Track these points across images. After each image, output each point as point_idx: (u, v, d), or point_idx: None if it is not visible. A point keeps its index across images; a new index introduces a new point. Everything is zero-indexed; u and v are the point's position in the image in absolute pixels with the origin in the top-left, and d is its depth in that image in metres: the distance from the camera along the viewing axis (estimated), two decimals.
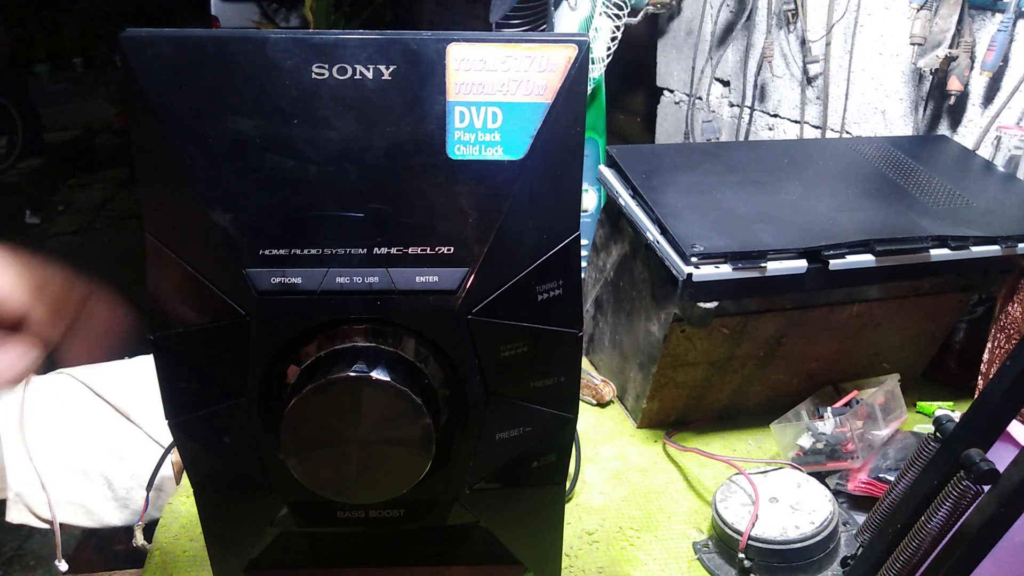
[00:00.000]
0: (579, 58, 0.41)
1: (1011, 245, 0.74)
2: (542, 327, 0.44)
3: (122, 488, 1.05)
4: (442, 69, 0.40)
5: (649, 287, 0.78)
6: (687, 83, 1.81)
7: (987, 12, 1.06)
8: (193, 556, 0.66)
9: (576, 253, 0.44)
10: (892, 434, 0.74)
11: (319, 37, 0.40)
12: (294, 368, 0.43)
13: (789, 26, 1.45)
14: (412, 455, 0.42)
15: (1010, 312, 0.78)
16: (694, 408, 0.84)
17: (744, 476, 0.68)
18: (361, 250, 0.42)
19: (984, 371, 0.81)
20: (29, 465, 1.01)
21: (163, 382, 0.45)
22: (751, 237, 0.70)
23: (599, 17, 1.44)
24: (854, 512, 0.70)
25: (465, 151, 0.41)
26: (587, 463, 0.79)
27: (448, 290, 0.42)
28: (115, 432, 1.06)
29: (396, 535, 0.56)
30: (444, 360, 0.44)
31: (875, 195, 0.80)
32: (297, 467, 0.42)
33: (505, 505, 0.51)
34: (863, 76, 1.31)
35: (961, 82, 1.07)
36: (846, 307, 0.79)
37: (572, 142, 0.42)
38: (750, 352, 0.80)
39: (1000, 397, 0.46)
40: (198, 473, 0.49)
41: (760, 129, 1.61)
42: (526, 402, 0.46)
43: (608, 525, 0.71)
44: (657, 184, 0.76)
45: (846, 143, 0.93)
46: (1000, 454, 0.46)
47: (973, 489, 0.45)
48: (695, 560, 0.67)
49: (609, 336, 0.89)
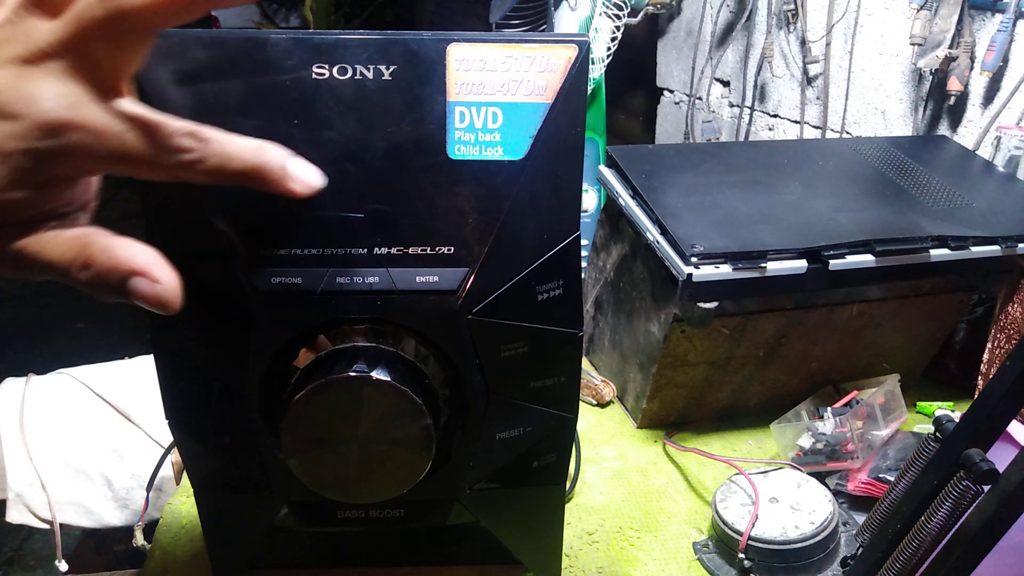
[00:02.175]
0: (579, 58, 0.41)
1: (1011, 245, 0.74)
2: (542, 327, 0.44)
3: (122, 488, 1.05)
4: (442, 69, 0.40)
5: (649, 287, 0.78)
6: (687, 83, 1.81)
7: (987, 12, 1.06)
8: (193, 556, 0.66)
9: (576, 253, 0.44)
10: (892, 434, 0.74)
11: (319, 37, 0.40)
12: (297, 365, 0.43)
13: (789, 26, 1.45)
14: (412, 455, 0.42)
15: (1010, 312, 0.78)
16: (694, 408, 0.84)
17: (744, 476, 0.68)
18: (361, 250, 0.42)
19: (984, 371, 0.81)
20: (29, 465, 1.01)
21: (163, 382, 0.45)
22: (751, 237, 0.70)
23: (599, 17, 1.44)
24: (854, 512, 0.70)
25: (465, 151, 0.41)
26: (587, 463, 0.79)
27: (448, 290, 0.42)
28: (115, 432, 1.06)
29: (396, 535, 0.56)
30: (444, 360, 0.44)
31: (875, 195, 0.80)
32: (297, 467, 0.42)
33: (505, 505, 0.51)
34: (863, 76, 1.31)
35: (961, 82, 1.08)
36: (846, 307, 0.79)
37: (572, 142, 0.43)
38: (750, 352, 0.80)
39: (1000, 397, 0.46)
40: (198, 473, 0.49)
41: (760, 129, 1.61)
42: (526, 402, 0.46)
43: (608, 525, 0.71)
44: (657, 184, 0.76)
45: (846, 143, 0.93)
46: (1000, 454, 0.46)
47: (973, 489, 0.45)
48: (695, 560, 0.67)
49: (609, 336, 0.89)
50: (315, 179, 0.34)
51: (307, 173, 0.34)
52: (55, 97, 0.27)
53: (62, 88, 0.27)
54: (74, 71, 0.27)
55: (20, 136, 0.27)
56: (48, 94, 0.27)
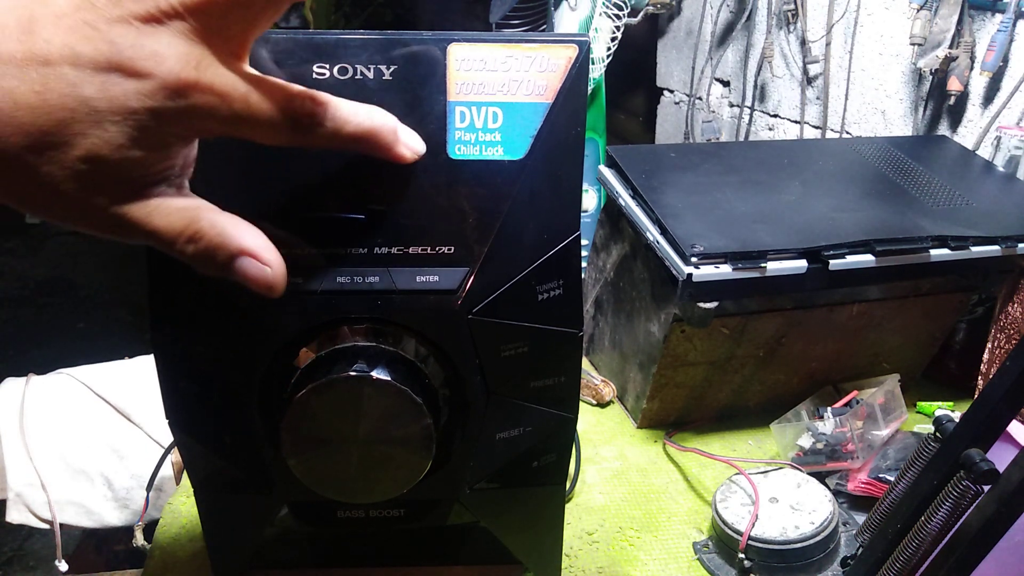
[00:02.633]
0: (579, 58, 0.41)
1: (1011, 245, 0.74)
2: (542, 327, 0.44)
3: (122, 488, 1.05)
4: (443, 69, 0.40)
5: (649, 287, 0.78)
6: (687, 83, 1.81)
7: (987, 12, 1.06)
8: (193, 556, 0.66)
9: (576, 253, 0.44)
10: (892, 434, 0.74)
11: (319, 37, 0.40)
12: (297, 364, 0.43)
13: (789, 26, 1.45)
14: (412, 455, 0.42)
15: (1010, 312, 0.78)
16: (694, 408, 0.84)
17: (744, 476, 0.68)
18: (361, 250, 0.42)
19: (984, 371, 0.81)
20: (29, 465, 1.01)
21: (163, 382, 0.45)
22: (751, 237, 0.70)
23: (599, 17, 1.44)
24: (854, 512, 0.70)
25: (466, 151, 0.41)
26: (587, 463, 0.79)
27: (448, 290, 0.42)
28: (115, 432, 1.06)
29: (396, 535, 0.56)
30: (444, 360, 0.44)
31: (875, 195, 0.80)
32: (297, 467, 0.42)
33: (505, 505, 0.51)
34: (863, 76, 1.31)
35: (961, 82, 1.08)
36: (846, 307, 0.79)
37: (572, 142, 0.43)
38: (750, 352, 0.80)
39: (1000, 397, 0.46)
40: (198, 473, 0.49)
41: (760, 129, 1.61)
42: (526, 402, 0.46)
43: (608, 525, 0.71)
44: (657, 184, 0.76)
45: (846, 143, 0.93)
46: (1000, 454, 0.46)
47: (973, 489, 0.45)
48: (695, 560, 0.67)
49: (609, 336, 0.89)
50: (421, 145, 0.35)
51: (414, 140, 0.35)
52: (181, 56, 0.26)
53: (187, 48, 0.27)
54: (198, 32, 0.27)
55: (148, 95, 0.26)
56: (173, 53, 0.26)
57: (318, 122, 0.31)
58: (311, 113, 0.30)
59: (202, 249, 0.30)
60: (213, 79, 0.27)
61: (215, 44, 0.28)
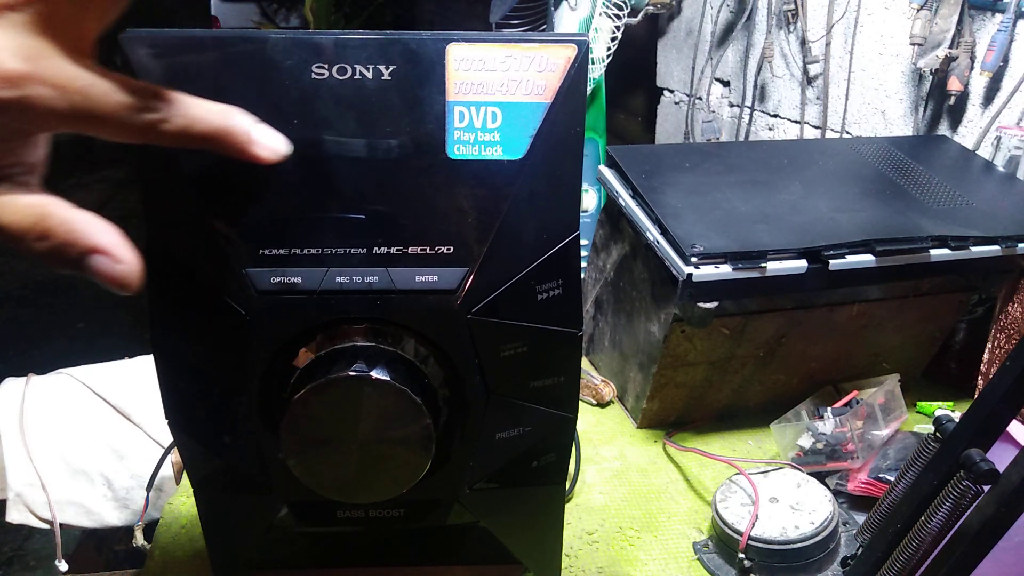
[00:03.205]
0: (579, 58, 0.41)
1: (1011, 245, 0.74)
2: (542, 327, 0.44)
3: (122, 488, 1.05)
4: (442, 69, 0.40)
5: (649, 287, 0.78)
6: (687, 83, 1.81)
7: (987, 12, 1.06)
8: (193, 556, 0.66)
9: (576, 253, 0.44)
10: (892, 434, 0.74)
11: (319, 37, 0.40)
12: (296, 364, 0.43)
13: (789, 26, 1.45)
14: (412, 455, 0.42)
15: (1010, 312, 0.78)
16: (694, 408, 0.84)
17: (744, 476, 0.68)
18: (361, 250, 0.42)
19: (984, 371, 0.81)
20: (29, 465, 1.01)
21: (163, 382, 0.45)
22: (751, 237, 0.70)
23: (599, 17, 1.44)
24: (854, 512, 0.70)
25: (465, 151, 0.41)
26: (587, 463, 0.79)
27: (448, 290, 0.42)
28: (115, 432, 1.06)
29: (396, 535, 0.56)
30: (444, 360, 0.44)
31: (875, 195, 0.80)
32: (297, 467, 0.42)
33: (505, 505, 0.51)
34: (863, 76, 1.31)
35: (961, 82, 1.07)
36: (846, 307, 0.79)
37: (572, 142, 0.43)
38: (750, 352, 0.80)
39: (1000, 397, 0.46)
40: (198, 473, 0.49)
41: (760, 129, 1.61)
42: (526, 402, 0.46)
43: (608, 525, 0.71)
44: (657, 184, 0.76)
45: (846, 143, 0.93)
46: (1000, 454, 0.46)
47: (973, 489, 0.45)
48: (695, 560, 0.67)
49: (609, 336, 0.89)
50: (281, 145, 0.34)
51: (273, 139, 0.34)
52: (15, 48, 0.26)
53: (21, 40, 0.27)
54: (37, 25, 0.27)
55: None
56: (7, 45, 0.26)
57: (163, 119, 0.30)
58: (155, 109, 0.30)
59: (53, 246, 0.29)
60: (47, 71, 0.27)
61: (55, 37, 0.27)
